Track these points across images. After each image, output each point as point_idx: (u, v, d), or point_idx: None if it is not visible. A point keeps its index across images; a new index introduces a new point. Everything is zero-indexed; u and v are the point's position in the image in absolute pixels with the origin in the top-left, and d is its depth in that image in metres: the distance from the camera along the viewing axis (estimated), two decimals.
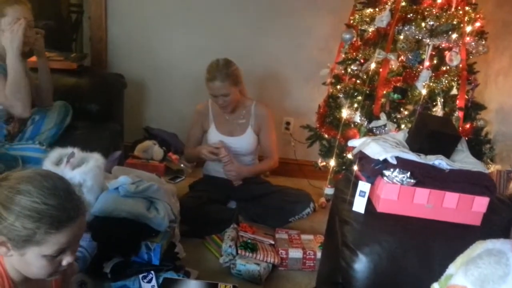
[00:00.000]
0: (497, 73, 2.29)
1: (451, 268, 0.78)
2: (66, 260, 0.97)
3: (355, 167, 1.27)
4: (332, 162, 2.27)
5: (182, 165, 2.77)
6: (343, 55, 2.32)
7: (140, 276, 1.50)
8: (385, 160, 1.10)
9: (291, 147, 2.82)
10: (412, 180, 1.07)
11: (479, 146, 2.10)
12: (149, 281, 1.49)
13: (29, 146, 1.78)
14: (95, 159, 1.55)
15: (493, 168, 2.03)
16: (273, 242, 2.02)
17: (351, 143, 1.33)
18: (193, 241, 2.02)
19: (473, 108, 2.10)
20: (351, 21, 2.27)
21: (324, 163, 2.38)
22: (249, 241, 1.97)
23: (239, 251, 1.88)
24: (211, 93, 2.19)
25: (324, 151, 2.33)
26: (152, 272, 1.50)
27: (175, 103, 2.83)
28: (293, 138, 2.81)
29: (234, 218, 2.15)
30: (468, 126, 2.07)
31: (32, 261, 0.93)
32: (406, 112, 2.07)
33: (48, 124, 1.94)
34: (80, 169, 1.50)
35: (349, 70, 2.23)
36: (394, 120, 2.04)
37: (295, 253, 1.94)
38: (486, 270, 0.72)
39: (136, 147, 2.70)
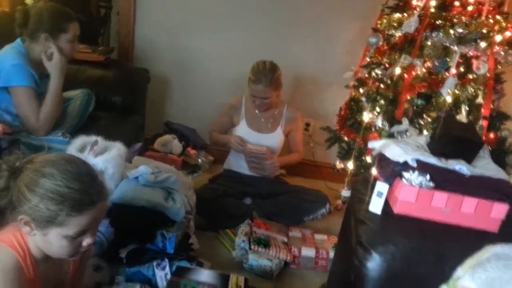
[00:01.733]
0: None
1: (459, 271, 0.77)
2: (86, 241, 1.00)
3: (374, 168, 1.27)
4: (350, 165, 2.26)
5: (199, 160, 2.79)
6: (368, 59, 2.31)
7: (155, 263, 1.53)
8: (405, 163, 1.10)
9: (310, 148, 2.82)
10: (431, 184, 1.07)
11: (503, 156, 2.05)
12: (163, 269, 1.52)
13: (53, 138, 1.80)
14: (117, 148, 1.59)
15: None
16: (286, 240, 2.03)
17: (371, 144, 1.32)
18: (208, 234, 2.04)
19: (498, 118, 2.06)
20: (378, 26, 2.25)
21: (342, 166, 2.38)
22: (262, 237, 1.98)
23: (252, 246, 1.90)
24: (252, 94, 2.26)
25: (343, 154, 2.32)
26: (166, 260, 1.54)
27: (197, 100, 2.87)
28: (312, 140, 2.81)
29: (248, 214, 2.18)
30: (492, 135, 2.03)
31: (53, 241, 0.97)
32: (429, 119, 2.04)
33: (71, 113, 1.98)
34: (103, 156, 1.54)
35: (373, 74, 2.21)
36: (417, 125, 2.01)
37: (308, 252, 1.94)
38: (494, 273, 0.71)
39: (155, 140, 2.75)
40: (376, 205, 1.11)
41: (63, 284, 1.13)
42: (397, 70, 2.05)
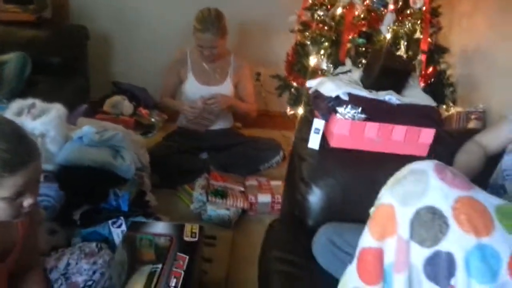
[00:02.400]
0: (460, 16, 2.31)
1: (382, 191, 0.84)
2: (26, 201, 0.99)
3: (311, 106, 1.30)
4: (300, 110, 2.30)
5: (153, 120, 2.76)
6: (310, 1, 2.29)
7: (110, 221, 1.54)
8: (338, 97, 1.13)
9: (262, 98, 2.82)
10: (362, 115, 1.11)
11: (442, 89, 2.15)
12: (119, 226, 1.53)
13: None
14: (56, 109, 1.54)
15: (453, 110, 2.10)
16: (243, 189, 2.09)
17: (309, 83, 1.35)
18: (165, 191, 2.05)
19: (437, 52, 2.13)
20: None
21: (293, 112, 2.41)
22: (220, 188, 2.02)
23: (210, 198, 1.94)
24: (199, 44, 2.18)
25: (293, 99, 2.34)
26: (122, 217, 1.54)
27: (143, 57, 2.78)
28: (264, 89, 2.81)
29: (205, 168, 2.20)
30: (431, 69, 2.11)
31: None
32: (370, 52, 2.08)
33: (7, 77, 1.89)
34: (41, 119, 1.50)
35: (316, 16, 2.20)
36: (360, 65, 2.05)
37: (264, 198, 2.01)
38: (409, 187, 0.77)
39: (104, 102, 2.67)
40: (314, 141, 1.15)
41: (15, 249, 1.11)
42: (339, 10, 2.05)
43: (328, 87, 1.16)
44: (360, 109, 1.10)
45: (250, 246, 1.78)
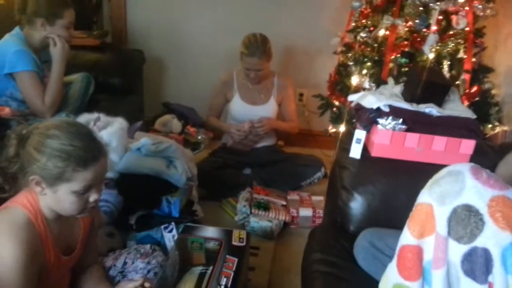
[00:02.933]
0: (506, 37, 2.31)
1: (421, 192, 0.88)
2: (92, 197, 1.10)
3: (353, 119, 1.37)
4: (342, 128, 2.35)
5: (199, 137, 2.90)
6: (353, 24, 2.38)
7: (162, 226, 1.65)
8: (379, 109, 1.20)
9: (305, 118, 2.91)
10: (403, 126, 1.16)
11: (487, 108, 2.14)
12: (170, 231, 1.64)
13: (58, 119, 1.91)
14: (119, 122, 1.70)
15: (499, 128, 2.08)
16: (285, 203, 2.15)
17: (350, 97, 1.42)
18: (210, 204, 2.15)
19: (481, 71, 2.13)
20: None
21: (334, 130, 2.47)
22: (262, 201, 2.10)
23: (253, 210, 2.01)
24: (247, 67, 2.32)
25: (334, 118, 2.41)
26: (173, 223, 1.65)
27: (193, 78, 2.96)
28: (307, 109, 2.89)
29: (248, 183, 2.29)
30: (475, 88, 2.11)
31: (63, 197, 1.06)
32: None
33: (73, 95, 2.08)
34: (106, 130, 1.65)
35: (358, 37, 2.28)
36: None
37: (305, 212, 2.06)
38: (446, 187, 0.81)
39: (155, 121, 2.85)
40: (355, 151, 1.21)
41: (78, 246, 1.22)
42: (381, 32, 2.12)
43: (370, 100, 1.23)
44: (400, 120, 1.16)
45: (291, 257, 1.83)
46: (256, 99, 2.45)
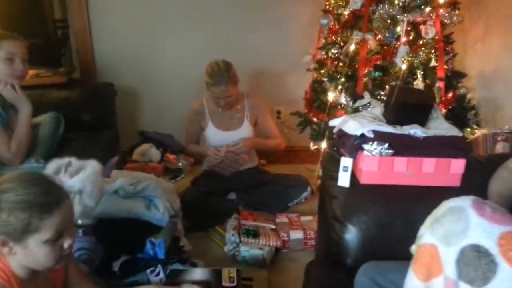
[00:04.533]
0: (474, 41, 2.35)
1: (422, 229, 0.85)
2: (66, 242, 1.03)
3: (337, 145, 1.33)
4: (323, 144, 2.33)
5: (180, 164, 2.83)
6: (323, 40, 2.38)
7: (148, 271, 1.57)
8: (363, 135, 1.16)
9: (285, 135, 2.87)
10: (390, 151, 1.13)
11: (464, 113, 2.16)
12: (157, 275, 1.56)
13: (27, 166, 1.80)
14: (92, 166, 1.61)
15: (478, 132, 2.09)
16: (274, 227, 2.09)
17: (331, 122, 1.39)
18: (197, 235, 2.08)
19: (454, 77, 2.16)
20: (327, 6, 2.31)
21: (316, 146, 2.45)
22: (251, 228, 2.04)
23: (242, 239, 1.95)
24: (215, 96, 2.26)
25: (315, 135, 2.39)
26: (159, 265, 1.57)
27: (167, 104, 2.90)
28: (285, 126, 2.87)
29: (234, 209, 2.23)
30: (450, 95, 2.13)
31: (36, 250, 0.99)
32: (389, 88, 2.12)
33: (42, 138, 1.98)
34: (79, 176, 1.56)
35: (330, 54, 2.28)
36: (378, 97, 2.09)
37: (296, 235, 2.01)
38: (449, 226, 0.78)
39: (133, 151, 2.77)
40: (343, 179, 1.18)
41: None
42: (352, 47, 2.12)
43: (352, 126, 1.20)
44: (386, 145, 1.13)
45: (286, 285, 1.78)
46: (229, 125, 2.40)
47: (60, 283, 1.17)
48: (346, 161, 1.17)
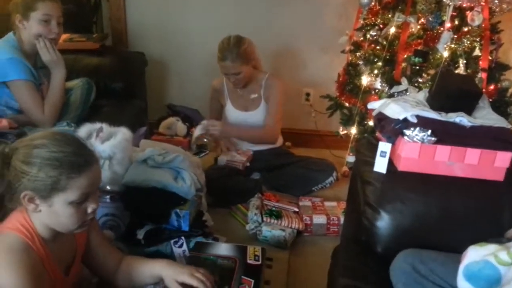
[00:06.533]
0: None
1: None
2: (90, 207, 1.04)
3: (376, 129, 1.29)
4: (354, 130, 2.28)
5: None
6: (361, 21, 2.29)
7: (172, 241, 1.58)
8: (405, 119, 1.12)
9: (312, 118, 2.83)
10: (433, 138, 1.08)
11: (504, 107, 2.06)
12: (180, 246, 1.57)
13: (59, 128, 1.81)
14: (122, 133, 1.61)
15: None
16: (297, 210, 2.08)
17: (370, 105, 1.33)
18: (220, 211, 2.08)
19: (497, 69, 2.05)
20: None
21: (345, 132, 2.40)
22: (274, 208, 2.02)
23: (265, 219, 1.94)
24: (223, 71, 2.25)
25: (345, 120, 2.33)
26: (183, 237, 1.58)
27: (196, 79, 2.88)
28: (314, 109, 2.82)
29: (258, 188, 2.21)
30: (492, 87, 2.03)
31: (60, 210, 1.00)
32: (428, 76, 2.05)
33: (74, 103, 2.00)
34: (109, 142, 1.56)
35: (368, 36, 2.20)
36: (416, 84, 2.02)
37: (319, 219, 1.99)
38: None
39: (160, 124, 2.77)
40: (380, 165, 1.13)
41: (76, 261, 1.16)
42: (392, 30, 2.04)
43: (394, 109, 1.15)
44: (429, 132, 1.08)
45: (307, 269, 1.77)
46: (247, 105, 2.37)
47: (81, 247, 1.18)
48: (384, 146, 1.12)
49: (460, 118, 1.10)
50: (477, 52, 2.00)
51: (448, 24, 1.96)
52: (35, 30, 1.79)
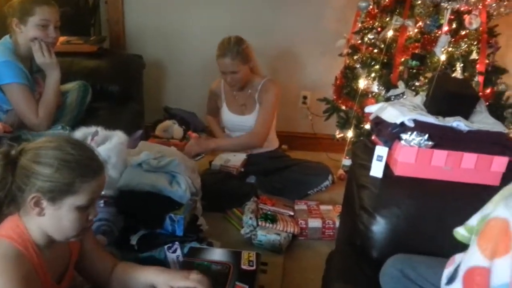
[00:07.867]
0: None
1: (488, 208, 0.78)
2: (92, 214, 1.04)
3: (372, 133, 1.28)
4: (350, 133, 2.27)
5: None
6: (359, 25, 2.29)
7: (165, 247, 1.56)
8: (402, 124, 1.11)
9: (309, 121, 2.83)
10: (429, 143, 1.07)
11: (501, 110, 2.06)
12: (174, 251, 1.55)
13: (54, 132, 1.81)
14: (118, 137, 1.59)
15: None
16: (292, 213, 2.06)
17: (368, 109, 1.32)
18: (215, 215, 2.06)
19: (494, 72, 2.05)
20: None
21: (341, 135, 2.39)
22: (269, 212, 2.01)
23: (260, 223, 1.93)
24: (221, 69, 2.23)
25: (342, 123, 2.32)
26: (177, 243, 1.56)
27: (193, 82, 2.87)
28: (310, 112, 2.81)
29: (253, 192, 2.20)
30: (488, 90, 2.03)
31: (65, 214, 0.98)
32: (424, 80, 2.04)
33: (69, 106, 1.98)
34: (104, 146, 1.55)
35: (365, 39, 2.19)
36: (413, 88, 2.01)
37: (315, 223, 1.98)
38: None
39: (156, 127, 2.76)
40: (377, 169, 1.12)
41: (69, 271, 1.14)
42: (390, 33, 2.03)
43: (392, 113, 1.14)
44: (426, 136, 1.07)
45: (302, 274, 1.75)
46: (243, 109, 2.36)
47: (75, 255, 1.17)
48: (381, 150, 1.11)
49: (457, 123, 1.09)
50: (474, 55, 2.00)
51: (445, 28, 1.95)
52: (32, 35, 1.77)
